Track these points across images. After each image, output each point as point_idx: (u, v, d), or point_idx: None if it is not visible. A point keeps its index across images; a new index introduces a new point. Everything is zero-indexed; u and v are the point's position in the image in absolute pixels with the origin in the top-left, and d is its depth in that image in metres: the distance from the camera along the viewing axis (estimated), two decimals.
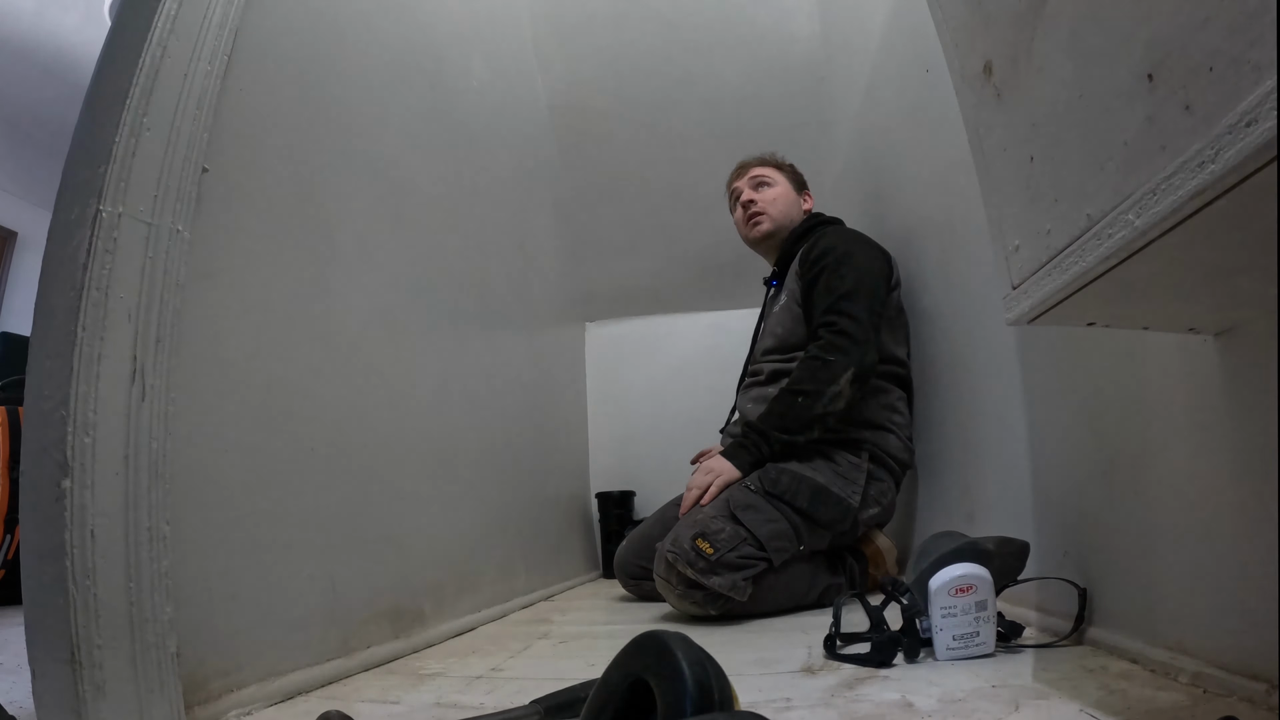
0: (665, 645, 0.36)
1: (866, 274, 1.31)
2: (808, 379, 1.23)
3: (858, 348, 1.23)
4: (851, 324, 1.24)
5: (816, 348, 1.25)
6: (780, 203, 1.53)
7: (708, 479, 1.23)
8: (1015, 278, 0.49)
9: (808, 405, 1.21)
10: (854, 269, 1.30)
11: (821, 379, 1.21)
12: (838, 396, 1.21)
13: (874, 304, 1.28)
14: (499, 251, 1.55)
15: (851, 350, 1.22)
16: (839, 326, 1.25)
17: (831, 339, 1.24)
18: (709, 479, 1.23)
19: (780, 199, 1.53)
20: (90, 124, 0.59)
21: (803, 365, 1.26)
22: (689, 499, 1.23)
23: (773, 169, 1.57)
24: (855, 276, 1.29)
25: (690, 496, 1.23)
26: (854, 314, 1.25)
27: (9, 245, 3.51)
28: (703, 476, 1.24)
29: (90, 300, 0.54)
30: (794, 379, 1.25)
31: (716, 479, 1.22)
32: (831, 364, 1.22)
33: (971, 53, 0.52)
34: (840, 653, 0.76)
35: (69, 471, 0.51)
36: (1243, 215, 0.31)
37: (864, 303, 1.27)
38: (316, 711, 0.52)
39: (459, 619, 1.09)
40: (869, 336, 1.25)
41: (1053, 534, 0.81)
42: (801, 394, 1.22)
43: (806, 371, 1.24)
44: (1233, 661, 0.51)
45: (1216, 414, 0.53)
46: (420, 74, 1.21)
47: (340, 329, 0.90)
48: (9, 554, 1.67)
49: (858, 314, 1.25)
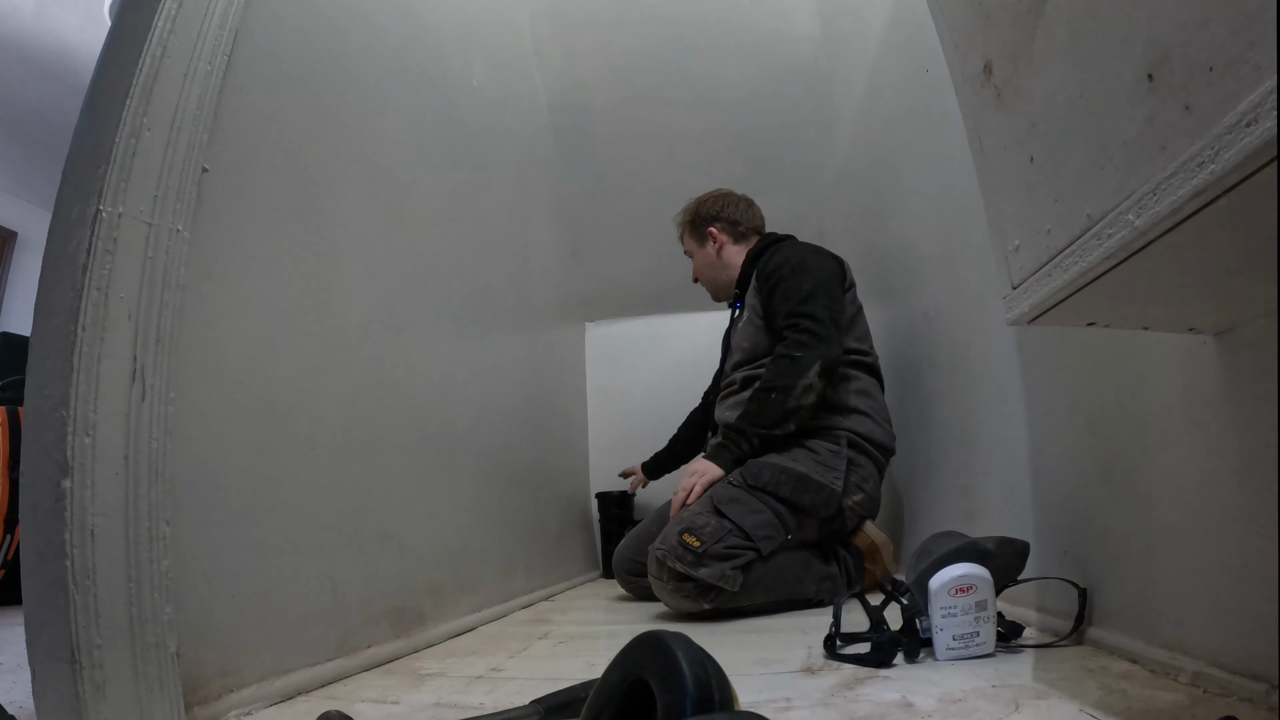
0: (665, 645, 0.36)
1: (821, 277, 1.37)
2: (778, 375, 1.28)
3: (822, 343, 1.28)
4: (813, 323, 1.30)
5: (783, 347, 1.31)
6: (706, 269, 1.63)
7: (692, 480, 1.28)
8: (1015, 278, 0.49)
9: (781, 400, 1.26)
10: (808, 275, 1.37)
11: (791, 373, 1.26)
12: (809, 389, 1.25)
13: (831, 303, 1.34)
14: (499, 251, 1.55)
15: (816, 345, 1.28)
16: (802, 325, 1.30)
17: (796, 337, 1.30)
18: (693, 480, 1.28)
19: (703, 267, 1.64)
20: (90, 124, 0.59)
21: (772, 364, 1.31)
22: (676, 501, 1.27)
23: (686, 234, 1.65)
24: (811, 281, 1.36)
25: (677, 499, 1.27)
26: (814, 314, 1.31)
27: (9, 245, 3.52)
28: (687, 479, 1.29)
29: (90, 300, 0.54)
30: (765, 377, 1.30)
31: (700, 479, 1.27)
32: (799, 359, 1.27)
33: (971, 53, 0.52)
34: (840, 653, 0.76)
35: (69, 471, 0.51)
36: (1243, 215, 0.31)
37: (822, 302, 1.33)
38: (316, 711, 0.52)
39: (459, 619, 1.09)
40: (831, 334, 1.30)
41: (1053, 534, 0.81)
42: (774, 389, 1.27)
43: (776, 369, 1.29)
44: (1233, 661, 0.51)
45: (1216, 414, 0.53)
46: (420, 74, 1.21)
47: (340, 329, 0.90)
48: (9, 554, 1.67)
49: (818, 313, 1.31)
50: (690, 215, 1.64)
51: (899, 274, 1.47)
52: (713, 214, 1.61)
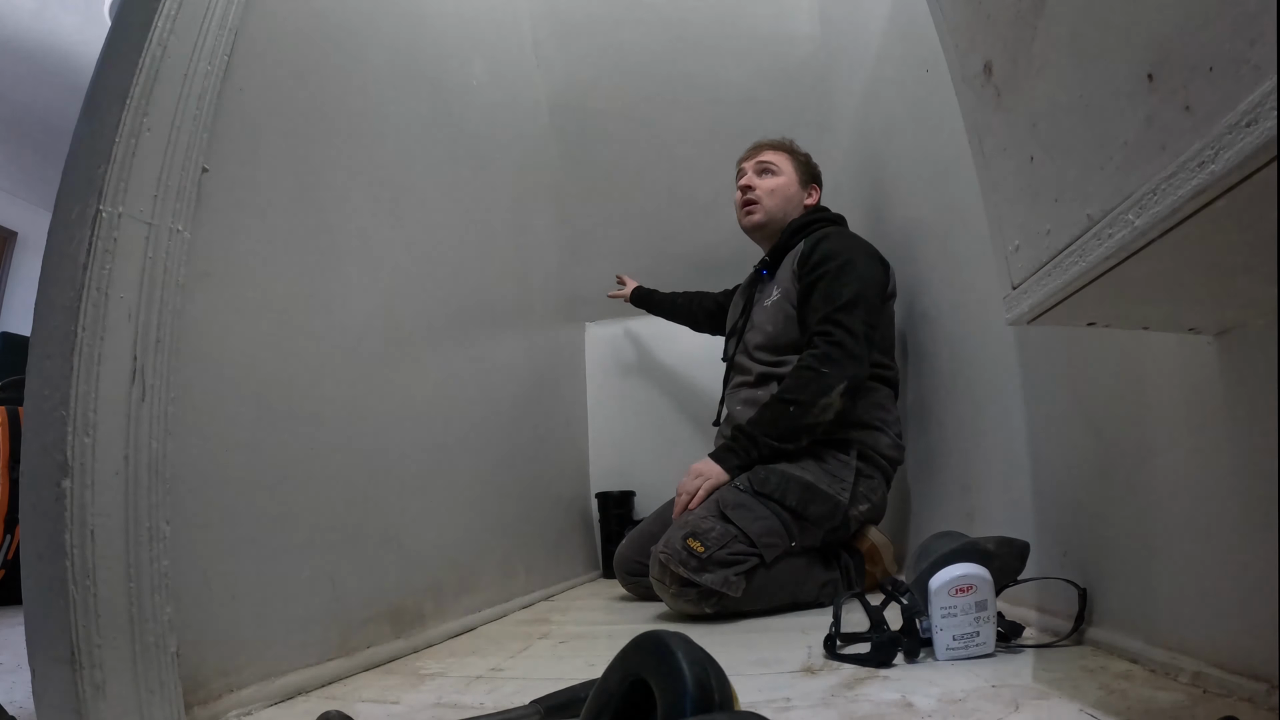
0: (665, 645, 0.36)
1: (866, 285, 1.30)
2: (800, 389, 1.23)
3: (853, 361, 1.23)
4: (848, 336, 1.24)
5: (811, 357, 1.25)
6: (778, 194, 1.50)
7: (696, 483, 1.24)
8: (1015, 278, 0.49)
9: (798, 415, 1.22)
10: (855, 279, 1.30)
11: (814, 390, 1.22)
12: (828, 408, 1.22)
13: (870, 316, 1.28)
14: (499, 251, 1.54)
15: (846, 364, 1.23)
16: (835, 338, 1.25)
17: (827, 350, 1.24)
18: (698, 483, 1.24)
19: (779, 190, 1.50)
20: (90, 124, 0.59)
21: (796, 374, 1.26)
22: (679, 504, 1.25)
23: (784, 156, 1.53)
24: (855, 287, 1.29)
25: (680, 501, 1.25)
26: (850, 326, 1.25)
27: (9, 245, 3.52)
28: (691, 480, 1.25)
29: (90, 300, 0.54)
30: (786, 387, 1.25)
31: (705, 482, 1.24)
32: (825, 376, 1.22)
33: (971, 53, 0.52)
34: (840, 653, 0.76)
35: (69, 471, 0.51)
36: (1243, 215, 0.31)
37: (861, 315, 1.27)
38: (316, 711, 0.52)
39: (459, 619, 1.09)
40: (863, 351, 1.25)
41: (1053, 534, 0.81)
42: (793, 403, 1.23)
43: (799, 381, 1.24)
44: (1233, 661, 0.51)
45: (1216, 414, 0.53)
46: (420, 74, 1.21)
47: (340, 329, 0.90)
48: (9, 554, 1.67)
49: (854, 327, 1.25)
50: (805, 157, 1.54)
51: (899, 274, 1.46)
52: (818, 174, 1.56)
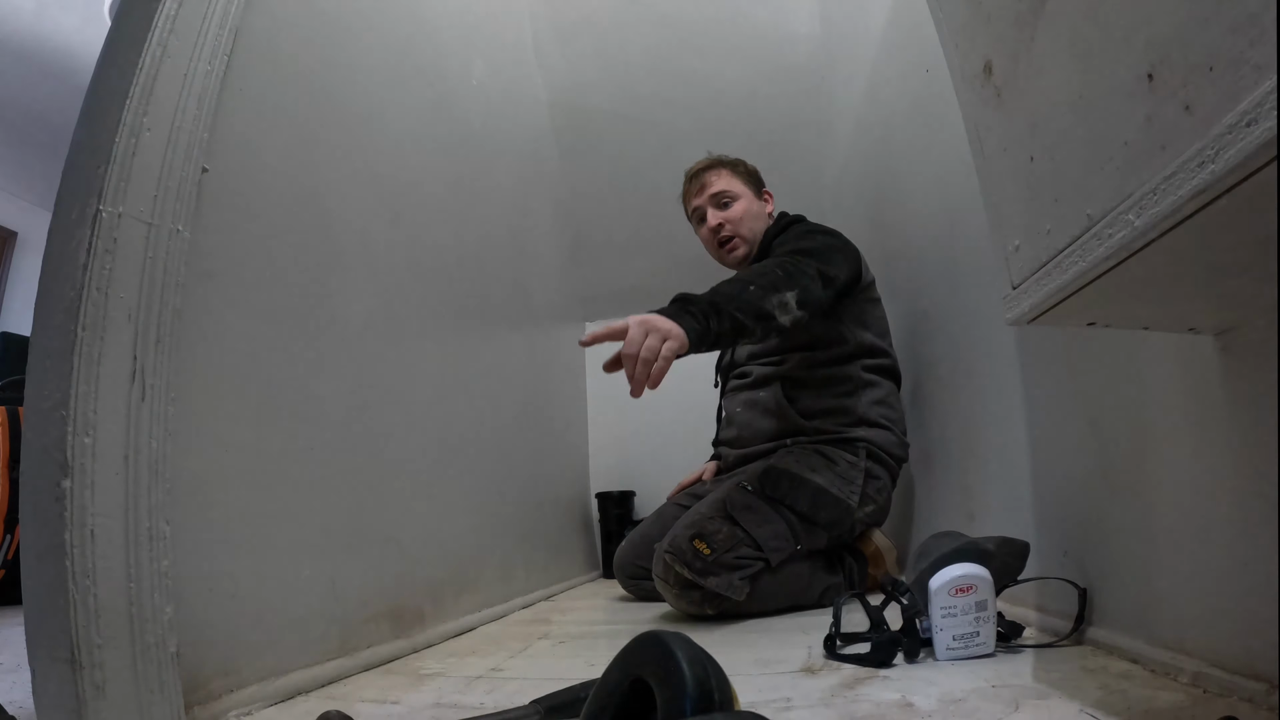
0: (665, 645, 0.36)
1: (836, 245, 1.32)
2: (760, 276, 1.14)
3: (808, 280, 1.18)
4: (809, 265, 1.21)
5: (772, 261, 1.21)
6: (748, 219, 1.46)
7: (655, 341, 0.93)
8: (1015, 278, 0.49)
9: (759, 296, 1.10)
10: (822, 238, 1.32)
11: (773, 280, 1.14)
12: (785, 306, 1.12)
13: (833, 269, 1.25)
14: (499, 251, 1.54)
15: (800, 278, 1.17)
16: (796, 261, 1.21)
17: (786, 260, 1.20)
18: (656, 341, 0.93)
19: (747, 215, 1.46)
20: (90, 124, 0.59)
21: (757, 267, 1.19)
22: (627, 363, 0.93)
23: (729, 175, 1.49)
24: (822, 242, 1.30)
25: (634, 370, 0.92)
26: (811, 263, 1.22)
27: (9, 245, 3.52)
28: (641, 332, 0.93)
29: (90, 300, 0.54)
30: (746, 275, 1.15)
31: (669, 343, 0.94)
32: (782, 278, 1.15)
33: (971, 53, 0.52)
34: (840, 653, 0.76)
35: (69, 471, 0.51)
36: (1243, 215, 0.31)
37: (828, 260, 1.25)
38: (316, 711, 0.52)
39: (459, 619, 1.09)
40: (818, 288, 1.20)
41: (1053, 534, 0.81)
42: (753, 285, 1.12)
43: (760, 270, 1.17)
44: (1233, 661, 0.51)
45: (1216, 414, 0.53)
46: (420, 74, 1.21)
47: (340, 329, 0.90)
48: (9, 554, 1.67)
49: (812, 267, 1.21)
50: (744, 165, 1.51)
51: (899, 274, 1.47)
52: (759, 175, 1.54)
